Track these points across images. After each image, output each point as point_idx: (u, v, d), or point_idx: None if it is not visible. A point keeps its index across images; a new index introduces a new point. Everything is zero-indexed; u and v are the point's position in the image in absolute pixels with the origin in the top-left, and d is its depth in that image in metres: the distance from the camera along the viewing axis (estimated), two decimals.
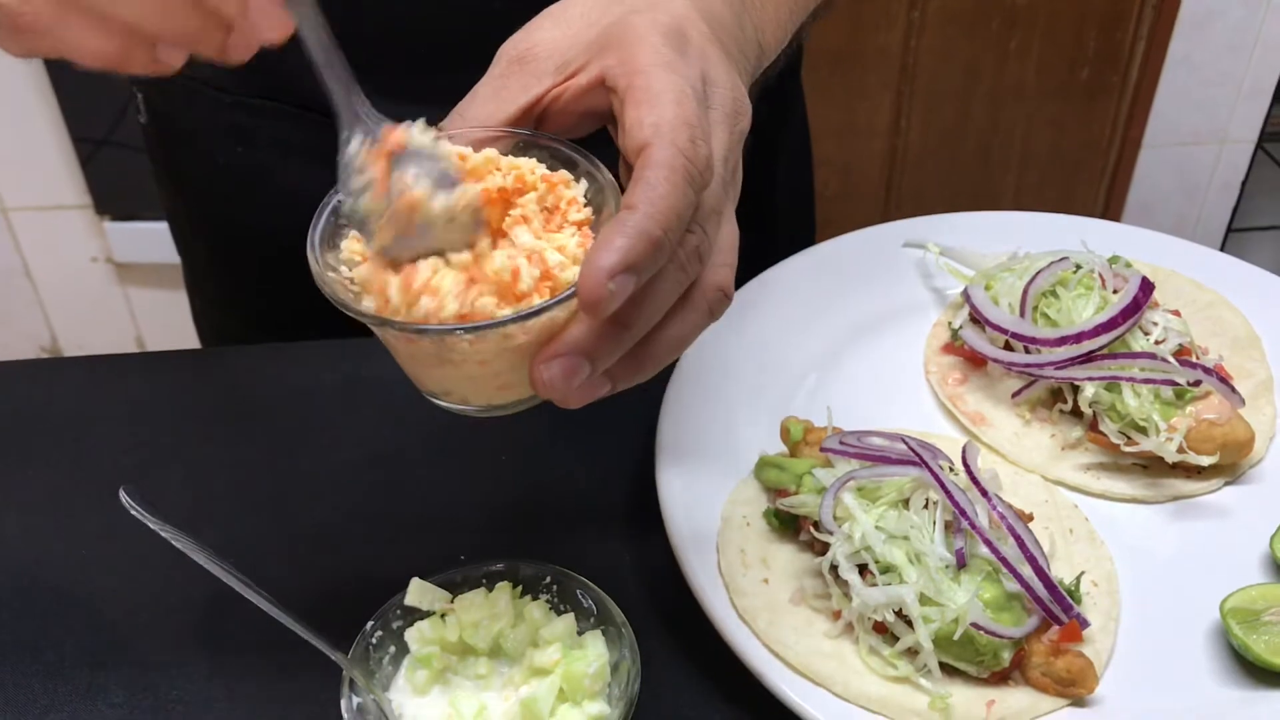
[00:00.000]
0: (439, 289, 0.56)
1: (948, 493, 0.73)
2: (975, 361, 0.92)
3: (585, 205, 0.61)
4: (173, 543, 0.62)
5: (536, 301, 0.55)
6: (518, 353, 0.57)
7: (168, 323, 2.66)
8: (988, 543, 0.72)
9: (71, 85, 2.32)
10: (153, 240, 2.51)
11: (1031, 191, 2.68)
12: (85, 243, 2.55)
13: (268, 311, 1.11)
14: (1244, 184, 2.81)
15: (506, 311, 0.55)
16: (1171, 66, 2.59)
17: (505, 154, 0.60)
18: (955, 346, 0.93)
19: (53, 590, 0.81)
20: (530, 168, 0.60)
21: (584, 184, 0.61)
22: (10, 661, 0.77)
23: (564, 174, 0.61)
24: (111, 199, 2.48)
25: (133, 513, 0.63)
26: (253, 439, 0.93)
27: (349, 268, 0.59)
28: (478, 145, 0.60)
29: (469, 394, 0.61)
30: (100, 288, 2.61)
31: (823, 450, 0.80)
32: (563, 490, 0.78)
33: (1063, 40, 2.48)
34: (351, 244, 0.59)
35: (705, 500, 0.81)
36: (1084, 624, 0.73)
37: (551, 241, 0.59)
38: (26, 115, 2.36)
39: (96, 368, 1.02)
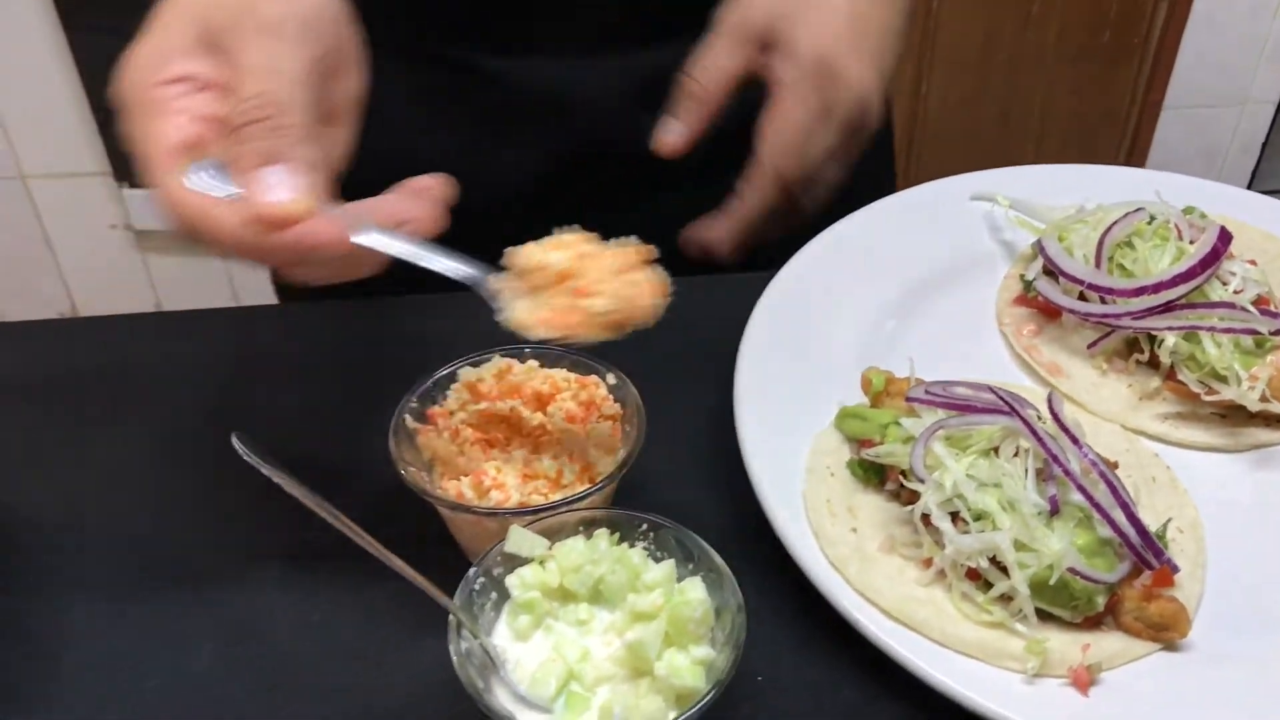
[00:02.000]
0: (505, 484, 0.74)
1: (1039, 439, 0.74)
2: (1049, 313, 0.92)
3: (614, 401, 0.80)
4: (285, 488, 0.62)
5: (579, 489, 0.74)
6: None
7: (187, 289, 2.65)
8: (1081, 488, 0.72)
9: (90, 52, 2.30)
10: None
11: (1051, 155, 2.67)
12: (104, 210, 2.54)
13: None
14: (1264, 146, 2.80)
15: (555, 497, 0.73)
16: (1193, 28, 2.58)
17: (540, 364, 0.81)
18: (1028, 298, 0.93)
19: (142, 546, 0.82)
20: (562, 375, 0.80)
21: (609, 380, 0.80)
22: (104, 617, 0.77)
23: (593, 377, 0.80)
24: (131, 166, 2.46)
25: (245, 459, 0.62)
26: (341, 390, 0.93)
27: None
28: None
29: None
30: (120, 254, 2.61)
31: (909, 400, 0.80)
32: (647, 444, 0.78)
33: (1084, 3, 2.47)
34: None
35: (787, 452, 0.82)
36: (1175, 569, 0.73)
37: (591, 435, 0.78)
38: (45, 83, 2.34)
39: (181, 322, 1.02)
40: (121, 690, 0.73)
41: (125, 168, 2.47)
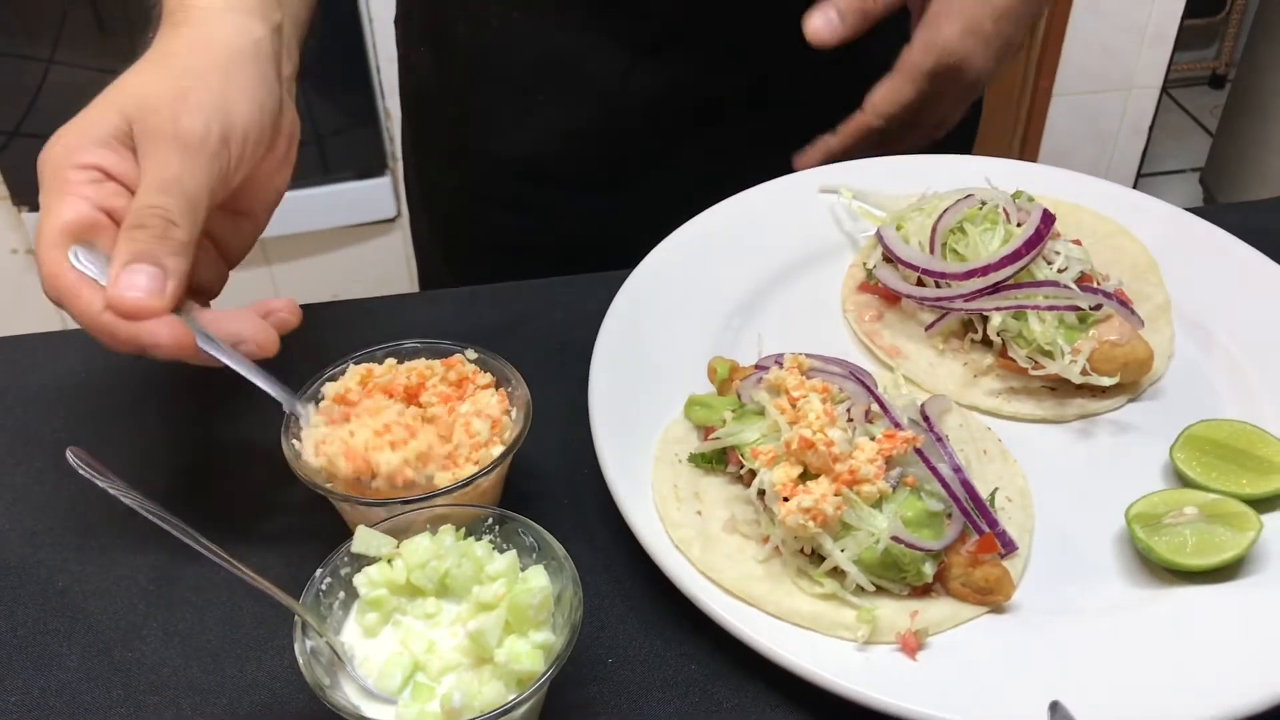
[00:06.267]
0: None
1: (882, 404, 0.78)
2: (890, 299, 0.96)
3: (483, 371, 0.82)
4: (122, 499, 0.64)
5: (469, 471, 0.76)
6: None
7: None
8: (918, 451, 0.76)
9: None
10: None
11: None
12: (3, 234, 2.51)
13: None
14: (1151, 129, 2.89)
15: (446, 483, 0.75)
16: (1079, 14, 2.65)
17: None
18: (870, 285, 0.97)
19: (2, 562, 0.83)
20: (424, 364, 0.82)
21: (469, 355, 0.82)
22: None
23: (455, 356, 0.82)
24: (28, 189, 2.44)
25: (81, 473, 0.64)
26: (186, 406, 0.95)
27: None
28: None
29: None
30: (21, 279, 2.58)
31: (757, 369, 0.83)
32: None
33: None
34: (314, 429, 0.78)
35: (638, 440, 0.85)
36: (1007, 544, 0.77)
37: (477, 403, 0.79)
38: None
39: (26, 346, 1.03)
40: None
41: (23, 192, 2.44)
